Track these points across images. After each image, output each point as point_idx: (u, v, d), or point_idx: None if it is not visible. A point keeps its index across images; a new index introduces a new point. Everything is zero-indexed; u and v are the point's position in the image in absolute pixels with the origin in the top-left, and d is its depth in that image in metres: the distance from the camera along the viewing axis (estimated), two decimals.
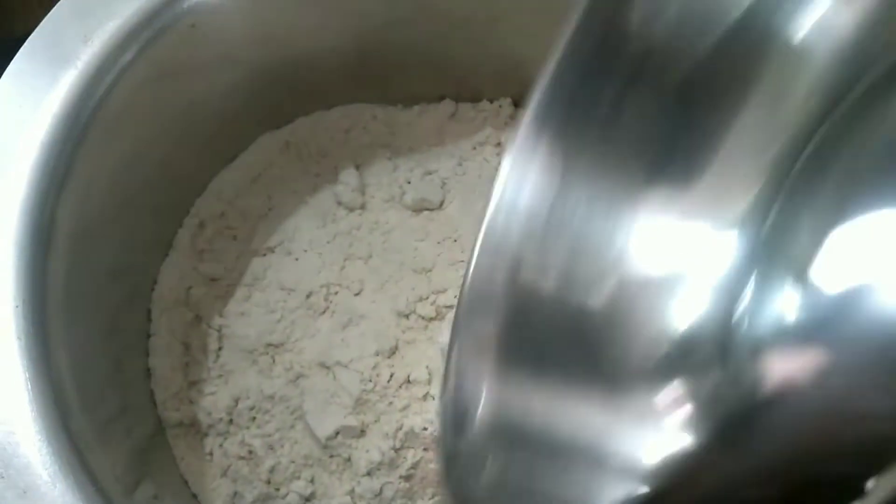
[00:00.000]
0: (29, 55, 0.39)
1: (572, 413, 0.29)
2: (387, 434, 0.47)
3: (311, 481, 0.48)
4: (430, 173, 0.54)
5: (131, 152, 0.45)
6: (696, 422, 0.27)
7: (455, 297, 0.49)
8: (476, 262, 0.28)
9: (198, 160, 0.53)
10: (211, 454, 0.49)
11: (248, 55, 0.50)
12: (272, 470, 0.48)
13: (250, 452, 0.49)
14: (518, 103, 0.57)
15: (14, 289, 0.37)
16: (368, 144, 0.56)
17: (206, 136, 0.52)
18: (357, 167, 0.54)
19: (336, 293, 0.51)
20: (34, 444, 0.35)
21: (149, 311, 0.51)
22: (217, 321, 0.51)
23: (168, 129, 0.48)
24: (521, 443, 0.30)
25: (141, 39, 0.41)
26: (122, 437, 0.46)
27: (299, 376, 0.49)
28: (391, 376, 0.47)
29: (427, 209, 0.53)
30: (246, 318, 0.51)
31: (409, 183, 0.53)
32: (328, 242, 0.52)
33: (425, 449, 0.47)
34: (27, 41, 0.39)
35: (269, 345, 0.50)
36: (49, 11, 0.41)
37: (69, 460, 0.35)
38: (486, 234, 0.28)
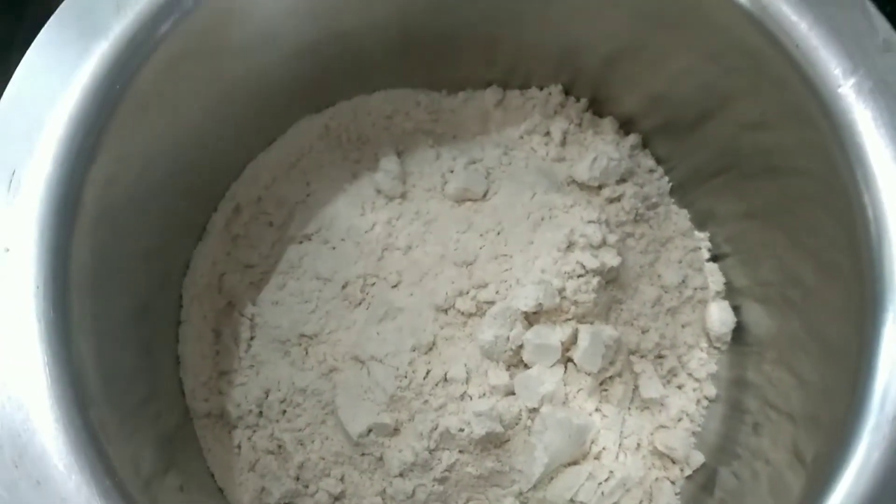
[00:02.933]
0: (59, 25, 0.37)
1: None
2: (421, 434, 0.44)
3: (341, 479, 0.46)
4: (474, 162, 0.51)
5: (164, 131, 0.43)
6: None
7: (497, 292, 0.46)
8: None
9: (234, 143, 0.51)
10: (239, 447, 0.48)
11: (289, 34, 0.47)
12: (301, 466, 0.46)
13: (279, 447, 0.47)
14: (569, 91, 0.54)
15: (35, 270, 0.35)
16: (411, 131, 0.54)
17: (243, 118, 0.50)
18: (398, 154, 0.52)
19: (373, 284, 0.48)
20: (51, 432, 0.33)
21: (180, 297, 0.50)
22: (250, 309, 0.49)
23: (204, 109, 0.46)
24: None
25: (177, 11, 0.39)
26: (148, 426, 0.44)
27: (332, 370, 0.47)
28: (427, 373, 0.45)
29: (470, 200, 0.50)
30: (280, 307, 0.49)
31: (452, 172, 0.51)
32: (366, 232, 0.50)
33: (461, 451, 0.44)
34: (57, 10, 0.38)
35: (303, 336, 0.48)
36: None
37: (86, 451, 0.34)
38: None
